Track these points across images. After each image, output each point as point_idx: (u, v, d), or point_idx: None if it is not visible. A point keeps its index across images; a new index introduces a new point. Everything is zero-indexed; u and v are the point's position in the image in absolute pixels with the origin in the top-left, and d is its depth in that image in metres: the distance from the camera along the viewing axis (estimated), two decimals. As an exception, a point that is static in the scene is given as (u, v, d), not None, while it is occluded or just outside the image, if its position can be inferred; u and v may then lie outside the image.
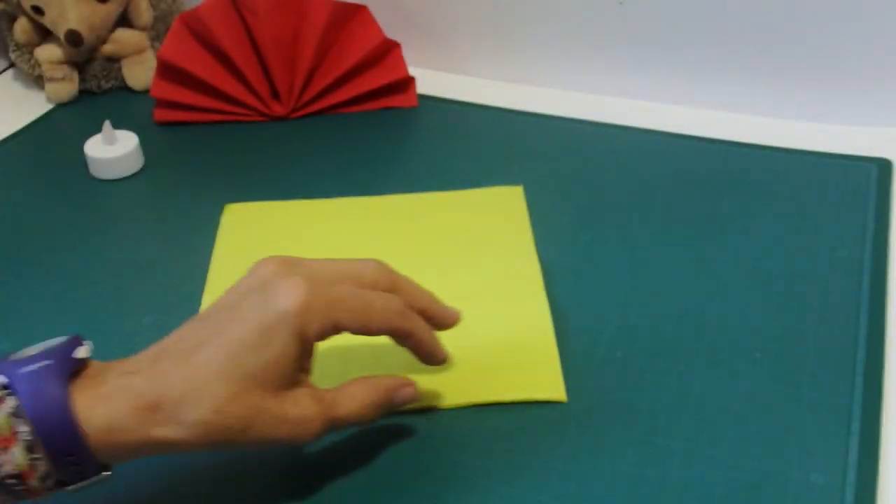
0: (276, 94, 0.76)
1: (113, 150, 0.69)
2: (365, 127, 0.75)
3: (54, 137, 0.76)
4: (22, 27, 0.79)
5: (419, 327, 0.43)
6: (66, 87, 0.80)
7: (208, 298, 0.56)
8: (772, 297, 0.54)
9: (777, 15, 0.69)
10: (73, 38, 0.76)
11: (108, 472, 0.37)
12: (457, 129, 0.75)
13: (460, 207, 0.64)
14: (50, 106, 0.80)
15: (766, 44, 0.71)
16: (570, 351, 0.51)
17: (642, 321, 0.53)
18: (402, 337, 0.43)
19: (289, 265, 0.41)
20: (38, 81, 0.82)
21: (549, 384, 0.49)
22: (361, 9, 0.75)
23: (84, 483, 0.37)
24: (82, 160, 0.70)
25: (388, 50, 0.77)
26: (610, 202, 0.64)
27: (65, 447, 0.35)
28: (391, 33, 0.76)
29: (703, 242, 0.59)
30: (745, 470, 0.44)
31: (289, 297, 0.38)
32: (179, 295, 0.57)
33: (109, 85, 0.82)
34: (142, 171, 0.70)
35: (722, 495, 0.43)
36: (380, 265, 0.43)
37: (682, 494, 0.43)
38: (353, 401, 0.41)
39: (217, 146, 0.73)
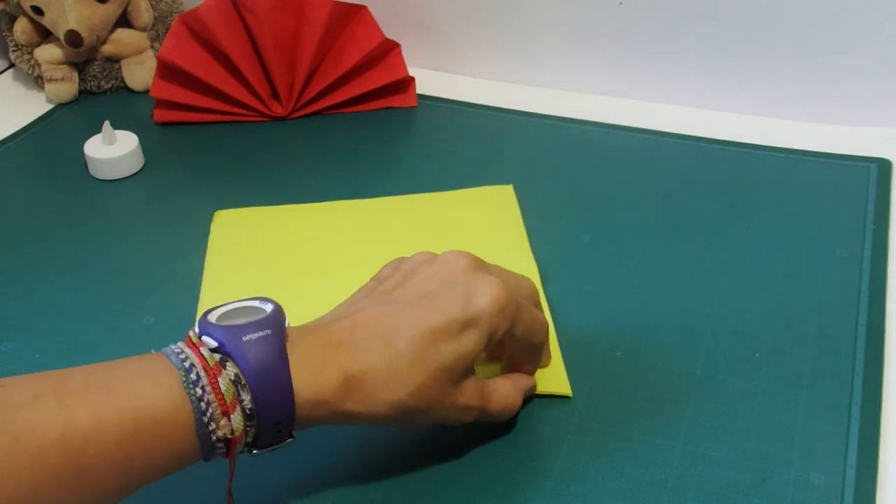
0: (275, 95, 0.76)
1: (113, 150, 0.69)
2: (365, 127, 0.75)
3: (54, 137, 0.76)
4: (22, 27, 0.79)
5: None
6: (66, 87, 0.80)
7: (203, 307, 0.56)
8: (772, 297, 0.54)
9: (777, 15, 0.69)
10: (73, 39, 0.76)
11: (294, 439, 0.38)
12: (456, 129, 0.75)
13: (452, 208, 0.64)
14: (50, 106, 0.81)
15: (766, 44, 0.71)
16: (570, 351, 0.51)
17: (642, 321, 0.53)
18: (538, 350, 0.46)
19: (480, 262, 0.43)
20: (38, 81, 0.82)
21: (554, 379, 0.49)
22: (361, 9, 0.75)
23: (271, 448, 0.38)
24: (82, 160, 0.70)
25: (388, 50, 0.77)
26: (610, 202, 0.64)
27: (278, 416, 0.37)
28: (391, 33, 0.76)
29: (702, 242, 0.59)
30: (745, 470, 0.44)
31: (490, 296, 0.40)
32: (179, 295, 0.57)
33: (109, 85, 0.82)
34: (142, 171, 0.70)
35: (722, 495, 0.43)
36: (532, 284, 0.46)
37: (682, 494, 0.43)
38: (502, 399, 0.44)
39: (217, 146, 0.73)
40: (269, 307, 0.39)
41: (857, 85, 0.70)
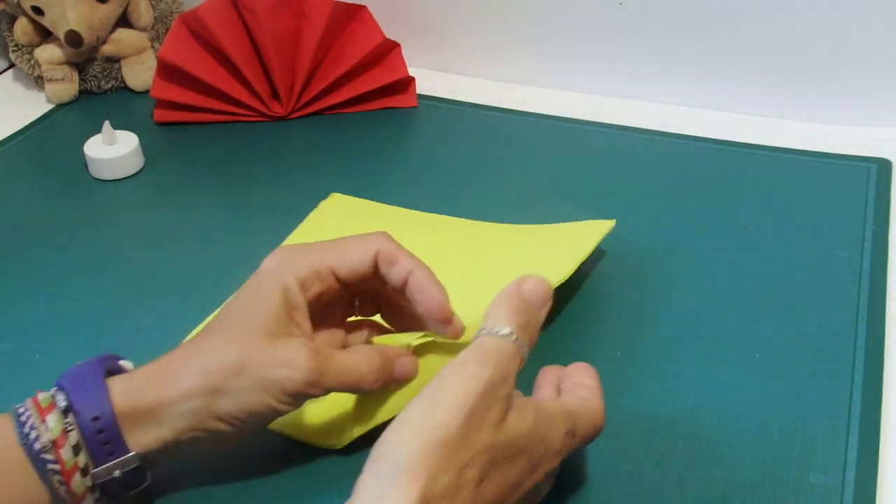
0: (275, 95, 0.76)
1: (113, 150, 0.69)
2: (365, 127, 0.75)
3: (54, 137, 0.76)
4: (22, 27, 0.79)
5: (409, 256, 0.42)
6: (66, 87, 0.80)
7: None
8: (771, 297, 0.54)
9: (777, 15, 0.69)
10: (73, 39, 0.76)
11: (134, 454, 0.38)
12: (457, 129, 0.75)
13: (547, 241, 0.58)
14: (50, 106, 0.81)
15: (765, 44, 0.71)
16: (571, 349, 0.51)
17: (642, 321, 0.53)
18: (389, 263, 0.42)
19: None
20: (38, 81, 0.82)
21: None
22: (361, 9, 0.75)
23: (112, 464, 0.38)
24: (82, 160, 0.70)
25: (388, 50, 0.77)
26: (610, 202, 0.64)
27: (95, 408, 0.38)
28: (391, 33, 0.76)
29: (702, 243, 0.59)
30: (745, 470, 0.44)
31: (267, 259, 0.42)
32: (180, 294, 0.57)
33: (109, 85, 0.82)
34: (142, 171, 0.70)
35: (722, 495, 0.43)
36: (385, 235, 0.43)
37: (682, 494, 0.43)
38: (351, 354, 0.41)
39: (217, 146, 0.73)
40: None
41: (857, 85, 0.70)
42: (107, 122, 0.69)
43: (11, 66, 0.87)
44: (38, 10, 0.77)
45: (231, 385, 0.39)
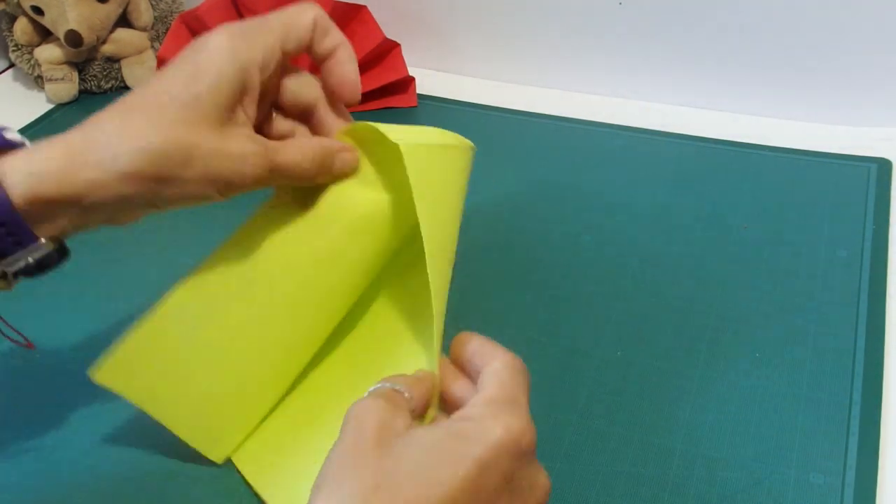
0: (276, 94, 0.76)
1: (113, 150, 0.69)
2: (365, 127, 0.75)
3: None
4: (22, 27, 0.79)
5: (339, 31, 0.43)
6: (66, 87, 0.80)
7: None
8: (772, 297, 0.54)
9: (777, 15, 0.69)
10: (73, 39, 0.76)
11: (44, 242, 0.36)
12: (457, 129, 0.74)
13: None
14: (50, 106, 0.81)
15: (765, 44, 0.71)
16: (571, 349, 0.51)
17: (642, 321, 0.53)
18: (323, 31, 0.42)
19: None
20: (38, 81, 0.82)
21: None
22: (361, 9, 0.75)
23: (19, 254, 0.36)
24: (82, 160, 0.70)
25: (388, 50, 0.77)
26: (610, 202, 0.64)
27: None
28: (391, 33, 0.76)
29: (702, 243, 0.59)
30: (745, 470, 0.44)
31: (216, 36, 0.38)
32: (179, 295, 0.57)
33: (109, 85, 0.82)
34: (142, 171, 0.70)
35: (722, 495, 0.43)
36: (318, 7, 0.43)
37: (682, 494, 0.43)
38: (295, 147, 0.40)
39: (217, 146, 0.73)
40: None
41: (857, 85, 0.70)
42: (107, 122, 0.69)
43: (11, 66, 0.87)
44: (38, 10, 0.77)
45: (178, 174, 0.36)
